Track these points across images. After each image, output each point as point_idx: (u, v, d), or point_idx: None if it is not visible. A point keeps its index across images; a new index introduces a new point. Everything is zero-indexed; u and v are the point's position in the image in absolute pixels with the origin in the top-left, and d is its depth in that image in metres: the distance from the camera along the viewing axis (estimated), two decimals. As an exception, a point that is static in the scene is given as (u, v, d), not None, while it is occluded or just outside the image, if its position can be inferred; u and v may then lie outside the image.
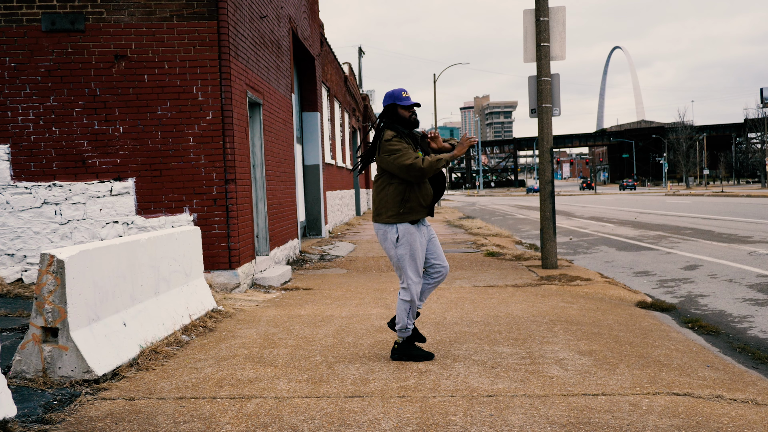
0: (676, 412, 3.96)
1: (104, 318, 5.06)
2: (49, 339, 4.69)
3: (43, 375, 4.65)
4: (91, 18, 8.16)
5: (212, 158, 8.25)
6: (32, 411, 4.11)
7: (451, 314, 7.00)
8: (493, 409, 4.04)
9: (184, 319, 6.28)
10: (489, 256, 12.63)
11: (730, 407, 4.10)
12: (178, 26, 8.19)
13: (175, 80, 8.21)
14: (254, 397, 4.38)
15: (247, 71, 9.17)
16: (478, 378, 4.68)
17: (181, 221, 8.26)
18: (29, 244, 8.30)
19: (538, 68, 10.85)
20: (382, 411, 4.05)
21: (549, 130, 10.91)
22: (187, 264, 6.73)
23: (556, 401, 4.17)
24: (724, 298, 8.63)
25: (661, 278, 10.48)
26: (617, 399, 4.21)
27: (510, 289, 8.73)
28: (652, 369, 4.90)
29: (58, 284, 4.61)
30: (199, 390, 4.55)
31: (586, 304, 7.70)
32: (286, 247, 11.77)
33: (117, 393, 4.50)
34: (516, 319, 6.67)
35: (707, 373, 4.90)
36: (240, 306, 7.63)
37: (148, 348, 5.38)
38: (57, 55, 8.19)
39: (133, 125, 8.24)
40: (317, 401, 4.26)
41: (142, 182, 8.27)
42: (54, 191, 8.28)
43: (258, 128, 9.98)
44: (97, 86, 8.21)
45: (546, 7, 10.76)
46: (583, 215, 29.34)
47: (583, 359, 5.14)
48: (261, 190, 10.01)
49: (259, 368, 5.05)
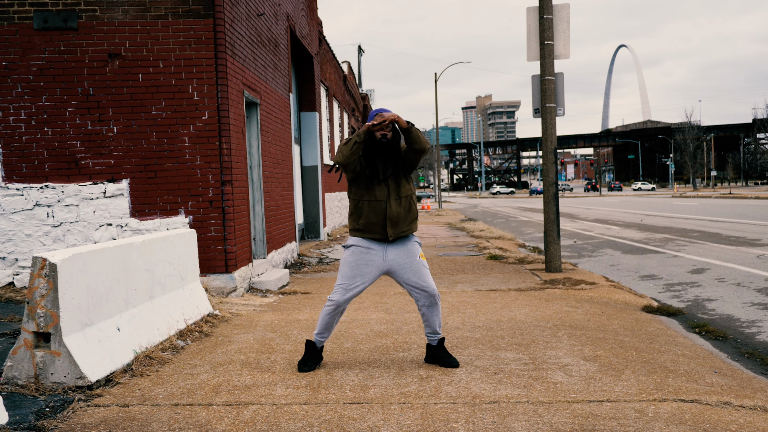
0: (683, 419, 3.96)
1: (98, 323, 5.06)
2: (42, 344, 4.69)
3: (35, 381, 4.65)
4: (84, 15, 8.18)
5: (208, 159, 8.25)
6: (24, 418, 4.11)
7: (452, 319, 7.00)
8: (496, 416, 4.04)
9: (180, 324, 6.29)
10: (491, 260, 12.64)
11: (738, 414, 4.10)
12: (173, 24, 8.20)
13: (170, 79, 8.22)
14: (251, 403, 4.38)
15: (243, 70, 9.18)
16: (481, 384, 4.68)
17: (177, 224, 8.26)
18: (21, 247, 8.30)
19: (541, 67, 10.86)
20: (382, 418, 4.05)
21: (553, 130, 10.92)
22: (183, 267, 6.73)
23: (560, 408, 4.17)
24: (732, 302, 8.64)
25: (668, 282, 10.49)
26: (623, 406, 4.21)
27: (513, 293, 8.74)
28: (659, 375, 4.90)
29: (50, 288, 4.61)
30: (194, 396, 4.55)
31: (590, 308, 7.70)
32: (284, 250, 11.77)
33: (111, 399, 4.50)
34: (519, 324, 6.67)
35: (715, 379, 4.91)
36: (237, 310, 7.63)
37: (143, 353, 5.38)
38: (49, 53, 8.20)
39: (127, 125, 8.25)
40: (316, 408, 4.27)
41: (137, 184, 8.28)
42: (46, 193, 8.28)
43: (255, 128, 9.99)
44: (90, 85, 8.22)
45: (550, 5, 10.77)
46: (588, 217, 29.35)
47: (588, 365, 5.14)
48: (258, 192, 10.02)
49: (256, 374, 5.06)
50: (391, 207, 4.97)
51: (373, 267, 5.04)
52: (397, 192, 5.03)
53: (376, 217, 4.96)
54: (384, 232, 4.98)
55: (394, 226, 4.98)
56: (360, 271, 5.03)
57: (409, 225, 5.07)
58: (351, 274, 5.04)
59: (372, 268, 5.04)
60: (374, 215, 4.97)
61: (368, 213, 4.98)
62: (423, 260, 5.12)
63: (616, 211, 34.04)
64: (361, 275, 5.04)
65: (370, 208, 4.98)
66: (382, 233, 4.98)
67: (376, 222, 4.97)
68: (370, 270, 5.04)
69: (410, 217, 5.08)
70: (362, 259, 5.03)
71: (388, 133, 4.98)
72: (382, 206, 4.97)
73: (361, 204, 5.01)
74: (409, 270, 5.03)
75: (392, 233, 4.97)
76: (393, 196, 5.01)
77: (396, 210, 4.99)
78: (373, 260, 5.03)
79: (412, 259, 5.04)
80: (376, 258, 5.03)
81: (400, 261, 5.03)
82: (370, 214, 4.98)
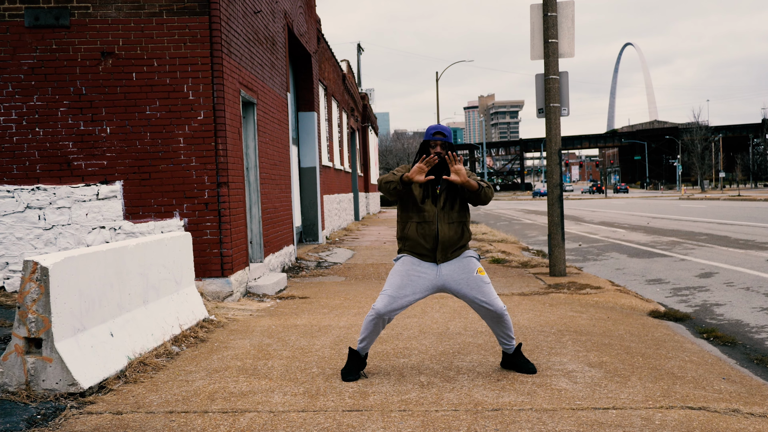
0: (691, 427, 3.96)
1: (90, 328, 5.06)
2: (33, 350, 4.69)
3: (26, 388, 4.65)
4: (77, 13, 8.19)
5: (204, 160, 8.26)
6: (15, 426, 4.11)
7: (454, 324, 7.01)
8: (499, 424, 4.05)
9: (174, 329, 6.29)
10: (494, 263, 12.64)
11: (748, 422, 4.11)
12: (167, 22, 8.21)
13: (164, 78, 8.23)
14: (248, 411, 4.39)
15: (240, 69, 9.19)
16: (483, 391, 4.69)
17: (171, 226, 8.26)
18: (11, 250, 8.30)
19: (545, 66, 10.88)
20: (382, 426, 4.06)
21: (557, 130, 10.93)
22: (178, 271, 6.73)
23: (564, 415, 4.17)
24: (740, 307, 8.64)
25: (675, 286, 10.49)
26: (629, 413, 4.21)
27: (516, 298, 8.74)
28: (666, 381, 4.91)
29: (41, 293, 4.61)
30: (189, 403, 4.55)
31: (596, 313, 7.70)
32: (282, 253, 11.78)
33: (104, 407, 4.50)
34: (523, 329, 6.68)
35: (723, 386, 4.91)
36: (233, 315, 7.63)
37: (137, 359, 5.38)
38: (41, 52, 8.21)
39: (120, 126, 8.26)
40: (314, 415, 4.27)
41: (130, 185, 8.28)
42: (38, 195, 8.29)
43: (252, 129, 10.00)
44: (82, 85, 8.23)
45: (554, 2, 10.79)
46: (593, 220, 29.36)
47: (593, 371, 5.15)
48: (255, 194, 10.02)
49: (253, 381, 5.06)
50: (442, 230, 4.82)
51: (426, 280, 4.85)
52: (449, 214, 4.87)
53: (425, 240, 4.82)
54: (433, 255, 4.86)
55: (443, 250, 4.85)
56: (411, 281, 4.84)
57: (460, 250, 4.92)
58: (400, 284, 4.84)
59: (424, 281, 4.85)
60: (422, 238, 4.82)
61: (414, 235, 4.84)
62: (482, 275, 4.91)
63: (622, 214, 34.05)
64: (411, 285, 4.84)
65: (418, 230, 4.84)
66: (431, 256, 4.86)
67: (425, 245, 4.83)
68: (422, 283, 4.85)
69: (461, 243, 4.91)
70: (414, 270, 4.85)
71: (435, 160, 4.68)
72: (432, 228, 4.81)
73: (409, 225, 4.86)
74: (465, 286, 4.85)
75: (441, 257, 4.85)
76: (444, 219, 4.85)
77: (447, 234, 4.84)
78: (426, 273, 4.85)
79: (468, 275, 4.86)
80: (429, 272, 4.85)
81: (455, 277, 4.86)
82: (417, 237, 4.84)
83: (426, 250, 4.85)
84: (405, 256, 4.95)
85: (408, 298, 4.86)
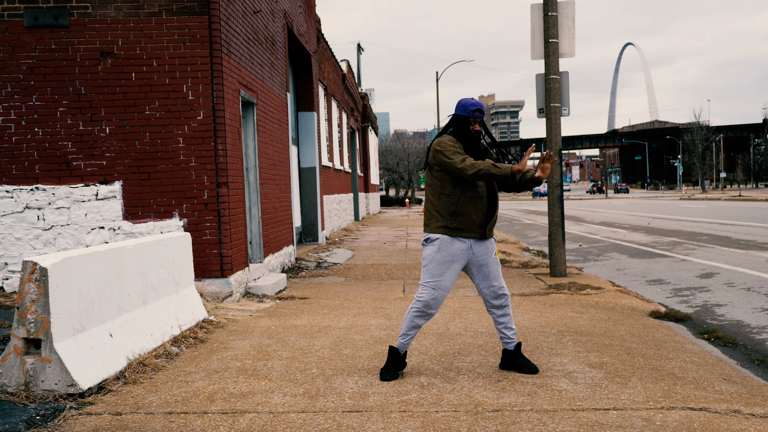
0: (692, 428, 3.96)
1: (90, 329, 5.07)
2: (32, 351, 4.70)
3: (25, 389, 4.65)
4: (76, 13, 8.19)
5: (203, 160, 8.26)
6: (14, 427, 4.12)
7: (454, 324, 7.01)
8: (499, 425, 4.05)
9: (174, 330, 6.29)
10: (494, 264, 12.63)
11: (749, 423, 4.11)
12: (167, 21, 8.21)
13: (164, 78, 8.24)
14: (247, 411, 4.39)
15: (239, 69, 9.20)
16: (483, 392, 4.69)
17: (171, 227, 8.27)
18: (10, 250, 8.30)
19: (546, 66, 10.89)
20: (382, 426, 4.06)
21: (558, 130, 10.93)
22: (177, 272, 6.74)
23: (565, 416, 4.18)
24: (741, 307, 8.64)
25: (676, 287, 10.50)
26: (629, 414, 4.21)
27: (517, 299, 8.74)
28: (666, 382, 4.91)
29: (41, 293, 4.62)
30: (189, 404, 4.56)
31: (596, 314, 7.71)
32: (281, 254, 11.78)
33: (103, 407, 4.51)
34: (523, 330, 6.68)
35: (724, 387, 4.91)
36: (232, 316, 7.64)
37: (136, 360, 5.39)
38: (40, 51, 8.22)
39: (120, 126, 8.26)
40: (314, 416, 4.27)
41: (130, 186, 8.29)
42: (37, 195, 8.29)
43: (251, 129, 10.01)
44: (82, 85, 8.24)
45: (554, 2, 10.80)
46: (594, 220, 29.37)
47: (594, 372, 5.15)
48: (254, 194, 10.03)
49: (253, 381, 5.06)
50: (491, 206, 4.97)
51: (458, 263, 4.95)
52: (494, 193, 5.06)
53: (477, 215, 4.91)
54: (480, 230, 4.95)
55: (492, 226, 5.01)
56: (448, 269, 4.94)
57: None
58: (439, 272, 4.94)
59: (458, 264, 4.95)
60: (476, 213, 4.91)
61: (469, 210, 4.91)
62: (498, 258, 5.12)
63: (623, 214, 34.06)
64: (449, 272, 4.93)
65: (473, 206, 4.92)
66: (478, 232, 4.94)
67: (476, 220, 4.91)
68: (456, 267, 4.94)
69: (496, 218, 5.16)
70: (448, 254, 4.92)
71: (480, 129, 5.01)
72: (484, 203, 4.94)
73: (462, 201, 4.91)
74: (485, 266, 5.00)
75: (489, 233, 4.99)
76: (492, 196, 5.02)
77: (495, 210, 5.02)
78: (460, 255, 4.93)
79: (489, 256, 5.03)
80: (462, 254, 4.94)
81: (481, 258, 5.00)
82: (471, 212, 4.91)
83: (476, 226, 4.94)
84: (441, 239, 4.92)
85: (448, 285, 4.97)
